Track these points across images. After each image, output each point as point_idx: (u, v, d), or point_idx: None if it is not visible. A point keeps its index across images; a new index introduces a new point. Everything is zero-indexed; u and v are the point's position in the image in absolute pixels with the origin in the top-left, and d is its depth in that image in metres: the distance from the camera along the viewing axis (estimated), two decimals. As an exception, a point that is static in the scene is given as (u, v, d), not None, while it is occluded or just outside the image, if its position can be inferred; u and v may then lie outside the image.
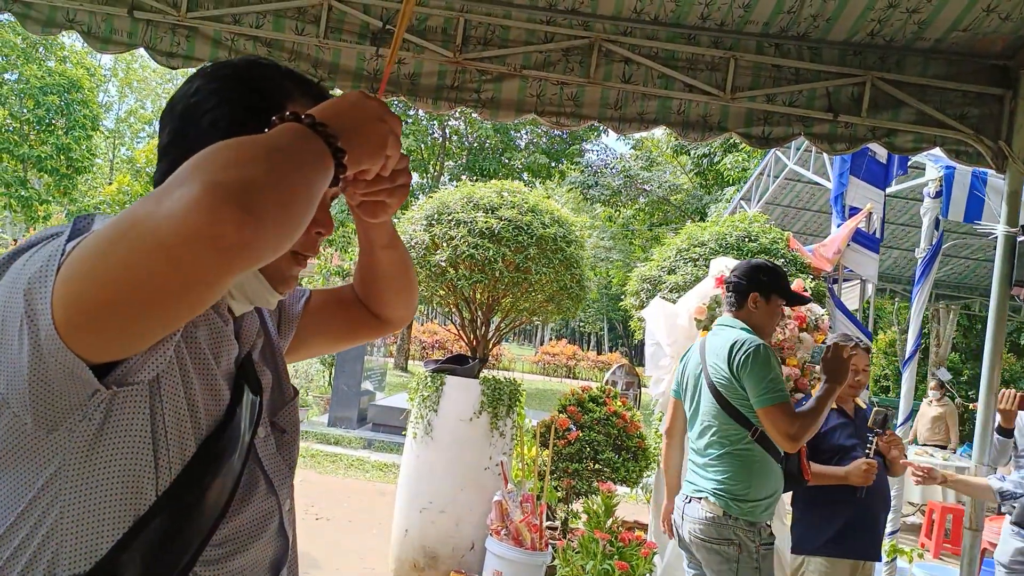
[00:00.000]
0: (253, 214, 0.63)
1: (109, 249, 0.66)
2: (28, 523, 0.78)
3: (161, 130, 0.96)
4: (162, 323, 0.71)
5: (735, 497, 2.61)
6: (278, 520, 0.98)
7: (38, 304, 0.70)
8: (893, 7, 3.15)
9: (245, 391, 0.93)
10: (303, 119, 0.75)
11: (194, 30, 3.42)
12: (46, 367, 0.72)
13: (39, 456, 0.78)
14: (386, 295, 1.25)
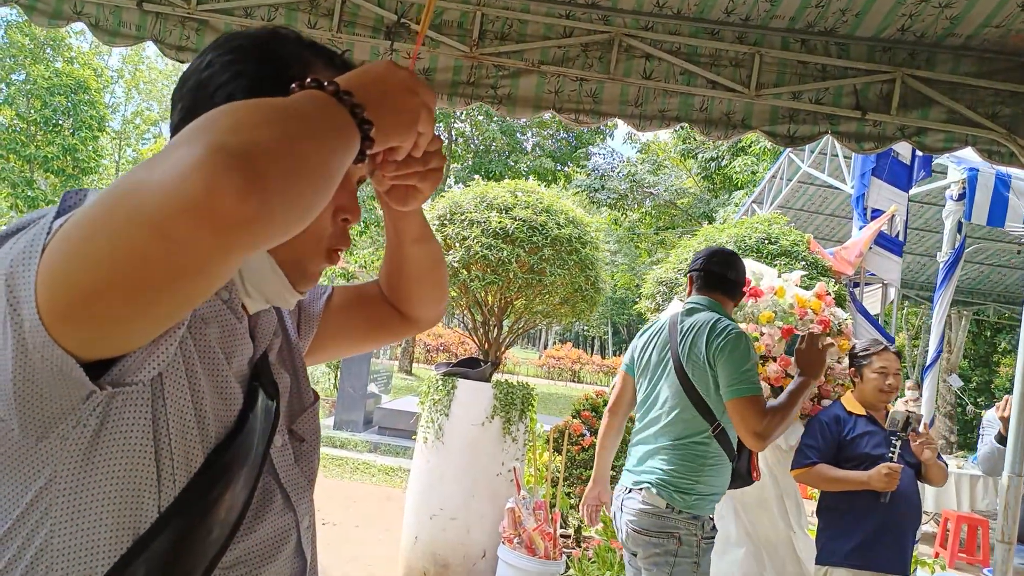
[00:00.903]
0: (258, 184, 0.54)
1: (98, 225, 0.56)
2: (15, 544, 0.68)
3: (173, 108, 0.86)
4: (158, 312, 0.60)
5: (679, 490, 2.47)
6: (295, 539, 0.88)
7: (21, 291, 0.60)
8: (925, 2, 3.05)
9: (260, 395, 0.83)
10: (326, 86, 0.66)
11: (204, 23, 3.33)
12: (32, 365, 0.62)
13: (27, 467, 0.68)
14: (415, 292, 1.15)
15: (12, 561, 0.68)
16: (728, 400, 2.44)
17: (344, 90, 0.66)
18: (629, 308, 27.62)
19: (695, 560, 2.44)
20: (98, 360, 0.64)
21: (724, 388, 2.45)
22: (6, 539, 0.68)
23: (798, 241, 4.80)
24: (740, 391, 2.41)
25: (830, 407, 3.27)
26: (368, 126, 0.66)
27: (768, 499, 3.72)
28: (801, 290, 3.78)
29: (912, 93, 3.33)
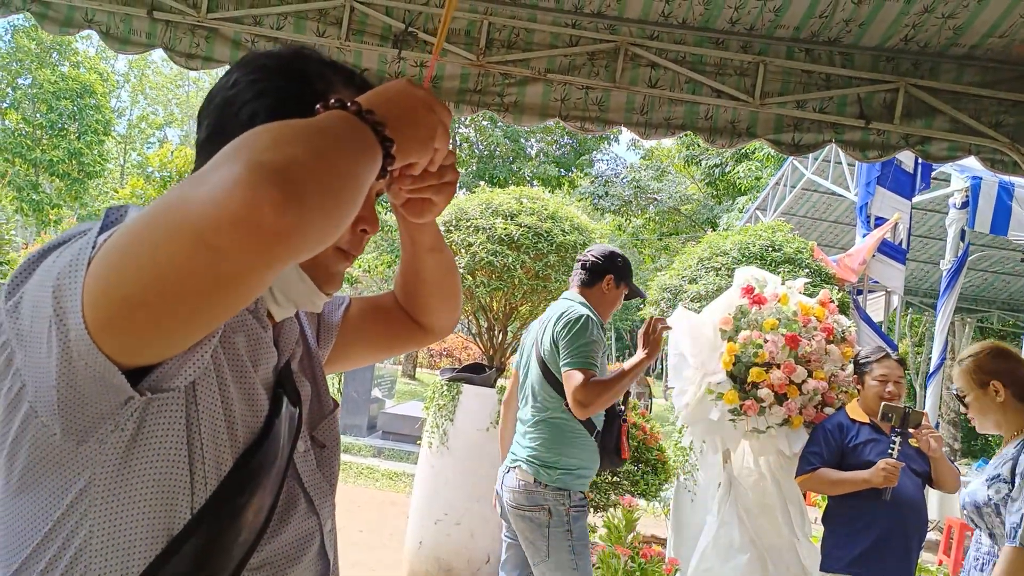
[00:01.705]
0: (295, 198, 0.57)
1: (143, 238, 0.59)
2: (57, 541, 0.71)
3: (199, 125, 0.89)
4: (198, 321, 0.63)
5: (545, 464, 2.65)
6: (319, 541, 0.91)
7: (67, 302, 0.63)
8: (928, 12, 3.07)
9: (284, 402, 0.85)
10: (349, 106, 0.69)
11: (214, 31, 3.36)
12: (75, 371, 0.65)
13: (68, 469, 0.71)
14: (430, 301, 1.18)
15: (53, 560, 0.71)
16: (563, 373, 2.65)
17: (366, 109, 0.69)
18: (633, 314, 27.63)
19: (567, 528, 2.62)
20: (136, 367, 0.67)
21: (560, 363, 2.66)
22: (48, 538, 0.71)
23: (802, 248, 4.82)
24: (569, 364, 2.61)
25: (834, 415, 3.28)
26: (390, 143, 0.69)
27: (772, 506, 3.73)
28: (805, 297, 3.79)
29: (916, 102, 3.35)
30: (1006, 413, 2.46)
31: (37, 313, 0.66)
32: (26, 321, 0.68)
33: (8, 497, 0.74)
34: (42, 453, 0.71)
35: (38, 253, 0.71)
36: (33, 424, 0.70)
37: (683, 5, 3.23)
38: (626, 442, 2.88)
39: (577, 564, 2.61)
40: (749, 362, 3.57)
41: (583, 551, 2.65)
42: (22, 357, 0.69)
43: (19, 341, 0.69)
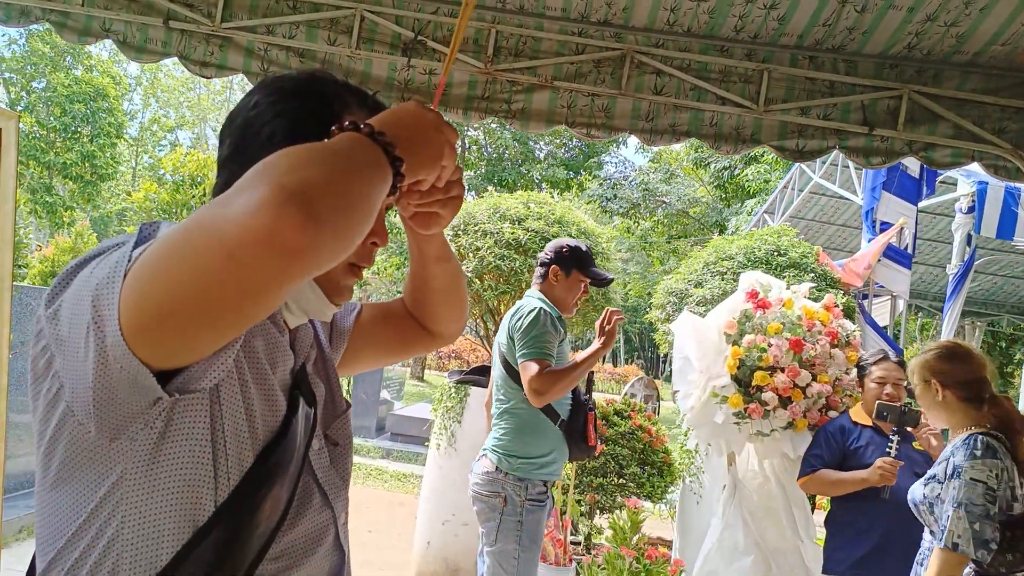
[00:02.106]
0: (313, 217, 0.62)
1: (175, 253, 0.65)
2: (90, 532, 0.77)
3: (221, 143, 0.95)
4: (225, 328, 0.69)
5: (507, 453, 2.75)
6: (334, 534, 0.96)
7: (105, 310, 0.69)
8: (931, 20, 3.11)
9: (300, 402, 0.91)
10: (362, 128, 0.74)
11: (228, 40, 3.43)
12: (110, 374, 0.71)
13: (101, 464, 0.77)
14: (438, 308, 1.23)
15: (88, 548, 0.78)
16: (519, 364, 2.75)
17: (378, 131, 0.74)
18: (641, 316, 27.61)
19: (519, 519, 2.70)
20: (166, 370, 0.72)
21: (516, 355, 2.77)
22: (83, 528, 0.78)
23: (807, 253, 4.85)
24: (524, 355, 2.72)
25: (836, 418, 3.31)
26: (400, 162, 0.75)
27: (777, 508, 3.76)
28: (809, 302, 3.83)
29: (919, 109, 3.38)
30: (950, 412, 2.45)
31: (75, 320, 0.72)
32: (65, 327, 0.74)
33: (46, 490, 0.80)
34: (78, 449, 0.77)
35: (75, 264, 0.77)
36: (70, 422, 0.76)
37: (688, 13, 3.27)
38: (593, 431, 2.91)
39: (520, 556, 2.69)
40: (753, 366, 3.60)
41: (530, 546, 2.72)
42: (61, 360, 0.75)
43: (58, 346, 0.75)
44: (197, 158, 11.51)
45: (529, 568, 2.74)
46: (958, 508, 2.22)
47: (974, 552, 2.18)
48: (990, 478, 2.21)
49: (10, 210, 2.86)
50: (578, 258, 2.95)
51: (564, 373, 2.72)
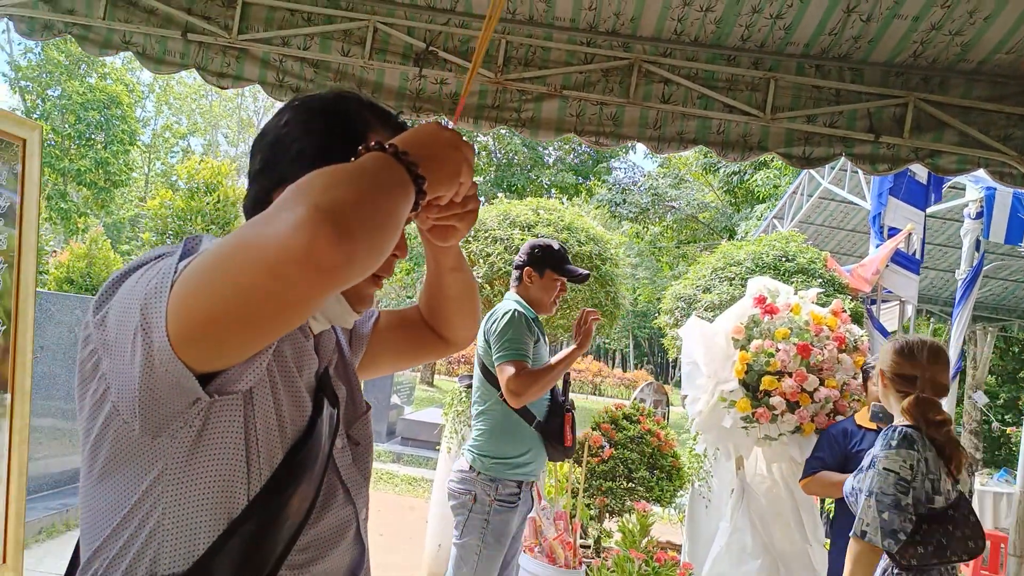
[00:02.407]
0: (347, 235, 0.68)
1: (220, 267, 0.70)
2: (133, 523, 0.83)
3: (252, 157, 1.01)
4: (263, 335, 0.75)
5: (481, 453, 2.83)
6: (355, 528, 1.02)
7: (153, 317, 0.75)
8: (936, 29, 3.15)
9: (325, 403, 0.97)
10: (387, 148, 0.80)
11: (244, 51, 3.51)
12: (155, 376, 0.77)
13: (144, 460, 0.83)
14: (452, 316, 1.29)
15: (131, 538, 0.84)
16: (496, 367, 2.80)
17: (402, 151, 0.80)
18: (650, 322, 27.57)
19: (486, 517, 2.77)
20: (205, 373, 0.78)
21: (493, 358, 2.81)
22: (126, 519, 0.84)
23: (815, 259, 4.88)
24: (501, 358, 2.77)
25: (841, 421, 3.35)
26: (422, 180, 0.80)
27: (785, 512, 3.79)
28: (817, 307, 3.86)
29: (925, 116, 3.42)
30: (889, 403, 2.46)
31: (122, 326, 0.78)
32: (112, 332, 0.80)
33: (91, 484, 0.86)
34: (122, 446, 0.83)
35: (120, 274, 0.84)
36: (115, 421, 0.82)
37: (695, 23, 3.32)
38: (570, 432, 2.95)
39: (481, 552, 2.76)
40: (761, 371, 3.64)
41: (494, 544, 2.77)
42: (108, 363, 0.81)
43: (105, 349, 0.81)
44: (211, 165, 11.63)
45: (490, 565, 2.80)
46: (869, 497, 2.24)
47: (881, 541, 2.19)
48: (903, 468, 2.22)
49: (34, 217, 2.94)
50: (551, 257, 2.97)
51: (541, 374, 2.76)
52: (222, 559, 0.83)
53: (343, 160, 0.80)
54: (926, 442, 2.26)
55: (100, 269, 11.77)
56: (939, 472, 2.25)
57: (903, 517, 2.18)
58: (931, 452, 2.25)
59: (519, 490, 2.84)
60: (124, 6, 3.45)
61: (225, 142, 36.28)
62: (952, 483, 2.27)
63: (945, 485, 2.25)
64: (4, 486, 2.71)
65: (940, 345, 2.44)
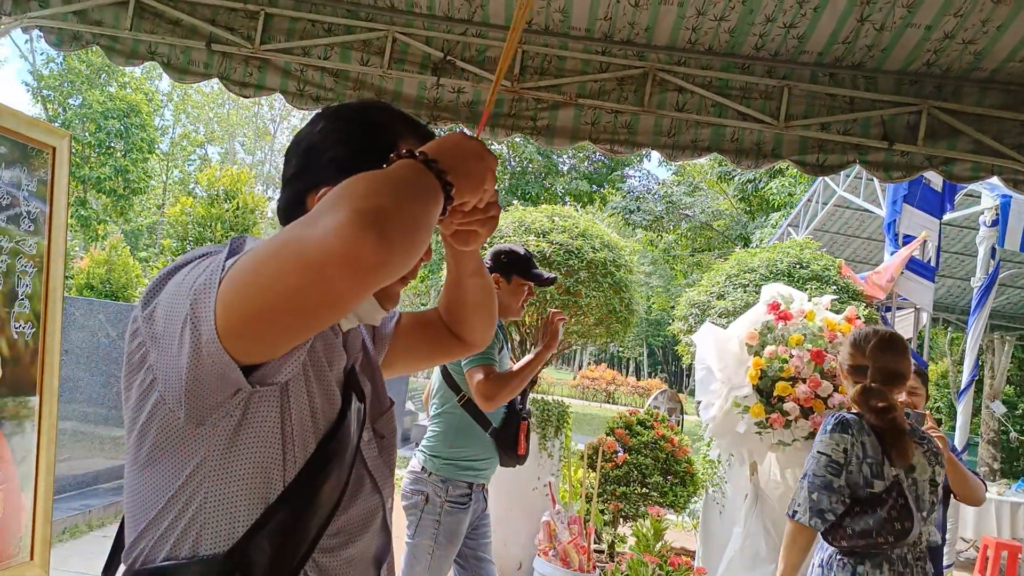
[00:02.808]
0: (386, 238, 0.72)
1: (268, 264, 0.75)
2: (178, 505, 0.89)
3: (287, 162, 1.07)
4: (305, 330, 0.80)
5: (434, 454, 2.85)
6: (382, 516, 1.07)
7: (202, 312, 0.80)
8: (949, 38, 3.17)
9: (353, 397, 1.02)
10: (418, 156, 0.85)
11: (266, 62, 3.59)
12: (202, 367, 0.82)
13: (188, 447, 0.88)
14: (470, 319, 1.34)
15: (175, 520, 0.89)
16: (465, 372, 2.80)
17: (431, 159, 0.85)
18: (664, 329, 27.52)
19: (437, 518, 2.80)
20: (247, 365, 0.83)
21: (461, 363, 2.80)
22: (170, 503, 0.89)
23: (829, 266, 4.89)
24: (469, 363, 2.76)
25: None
26: (450, 187, 0.85)
27: (798, 518, 3.80)
28: (831, 314, 3.88)
29: (939, 124, 3.44)
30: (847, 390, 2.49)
31: (170, 320, 0.84)
32: (160, 326, 0.85)
33: (137, 469, 0.92)
34: (167, 434, 0.88)
35: (166, 272, 0.89)
36: (161, 410, 0.88)
37: (709, 32, 3.37)
38: (523, 439, 2.99)
39: (433, 552, 2.80)
40: (775, 376, 3.66)
41: (446, 544, 2.81)
42: (155, 355, 0.86)
43: (153, 342, 0.86)
44: (231, 173, 11.78)
45: (442, 564, 2.84)
46: (803, 479, 2.32)
47: (808, 520, 2.25)
48: (836, 452, 2.28)
49: (62, 223, 3.02)
50: (516, 263, 2.98)
51: (511, 376, 2.78)
52: (260, 541, 0.88)
53: (374, 166, 0.85)
54: (864, 428, 2.32)
55: (119, 275, 11.93)
56: (879, 457, 2.29)
57: (833, 498, 2.25)
58: (870, 437, 2.31)
59: (470, 491, 2.87)
60: (150, 17, 3.54)
61: (242, 150, 36.63)
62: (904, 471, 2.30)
63: (889, 471, 2.28)
64: (32, 486, 2.78)
65: (892, 334, 2.47)
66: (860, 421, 2.33)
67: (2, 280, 2.61)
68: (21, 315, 2.70)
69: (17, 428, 2.72)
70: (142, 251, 25.12)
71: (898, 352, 2.40)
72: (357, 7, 3.55)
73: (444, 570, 2.86)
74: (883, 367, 2.36)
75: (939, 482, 2.40)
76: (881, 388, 2.33)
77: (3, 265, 2.62)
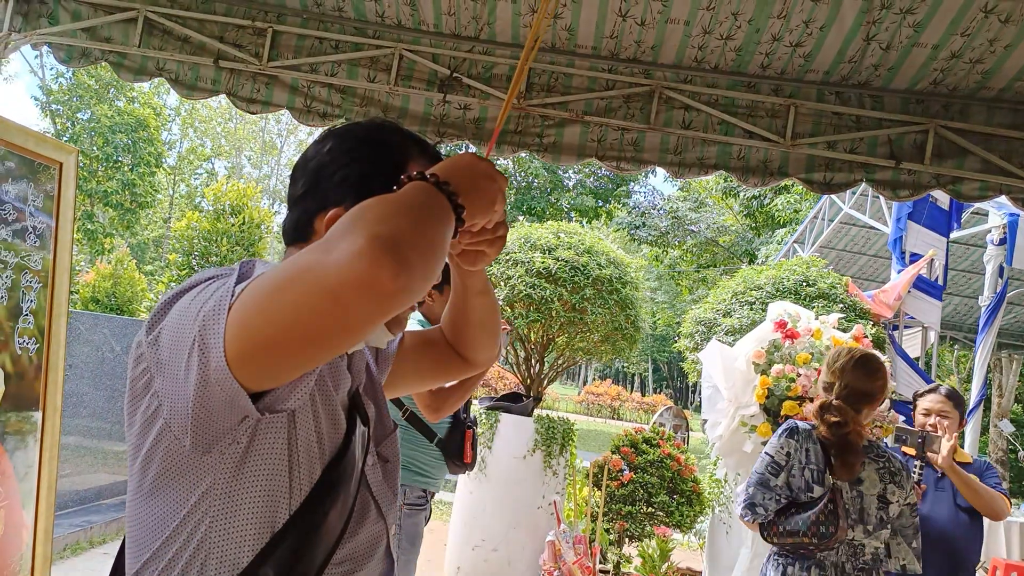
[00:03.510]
0: (404, 264, 0.71)
1: (280, 291, 0.74)
2: (183, 535, 0.87)
3: (294, 182, 1.05)
4: (318, 358, 0.79)
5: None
6: (385, 543, 1.05)
7: (210, 338, 0.78)
8: (956, 57, 3.17)
9: (357, 421, 1.00)
10: (429, 178, 0.83)
11: (273, 78, 3.60)
12: (210, 394, 0.80)
13: (194, 475, 0.86)
14: (475, 338, 1.32)
15: (180, 550, 0.87)
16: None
17: (443, 180, 0.84)
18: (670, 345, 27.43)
19: (398, 522, 2.85)
20: (254, 392, 0.82)
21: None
22: (176, 532, 0.87)
23: (836, 283, 4.87)
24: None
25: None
26: (462, 209, 0.84)
27: (806, 539, 3.76)
28: (838, 332, 3.85)
29: (946, 143, 3.42)
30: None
31: (176, 345, 0.82)
32: (165, 352, 0.84)
33: (141, 498, 0.90)
34: (173, 462, 0.86)
35: (171, 296, 0.88)
36: (167, 437, 0.86)
37: (715, 51, 3.37)
38: (469, 448, 3.08)
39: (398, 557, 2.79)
40: (782, 395, 3.63)
41: (409, 548, 2.91)
42: (160, 382, 0.85)
43: (158, 368, 0.85)
44: (237, 188, 11.82)
45: (407, 568, 2.92)
46: (749, 476, 2.49)
47: (740, 512, 2.45)
48: (779, 454, 2.46)
49: (68, 239, 3.02)
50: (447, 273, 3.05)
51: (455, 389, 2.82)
52: (266, 570, 0.86)
53: (384, 187, 0.84)
54: (812, 437, 2.46)
55: (125, 289, 11.96)
56: (821, 466, 2.42)
57: (767, 495, 2.42)
58: (815, 446, 2.44)
59: (425, 495, 2.99)
60: (159, 34, 3.56)
61: (249, 164, 36.81)
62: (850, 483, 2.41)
63: (828, 479, 2.40)
64: (33, 502, 2.76)
65: (865, 355, 2.54)
66: (810, 431, 2.48)
67: (7, 295, 2.60)
68: (25, 331, 2.69)
69: (20, 443, 2.71)
70: (148, 265, 25.21)
71: (869, 372, 2.49)
72: (364, 24, 3.56)
73: (410, 573, 2.98)
74: (849, 385, 2.46)
75: (891, 500, 2.47)
76: (841, 405, 2.44)
77: (8, 280, 2.61)
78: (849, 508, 2.40)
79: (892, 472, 2.48)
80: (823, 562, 2.41)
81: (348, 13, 3.54)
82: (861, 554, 2.44)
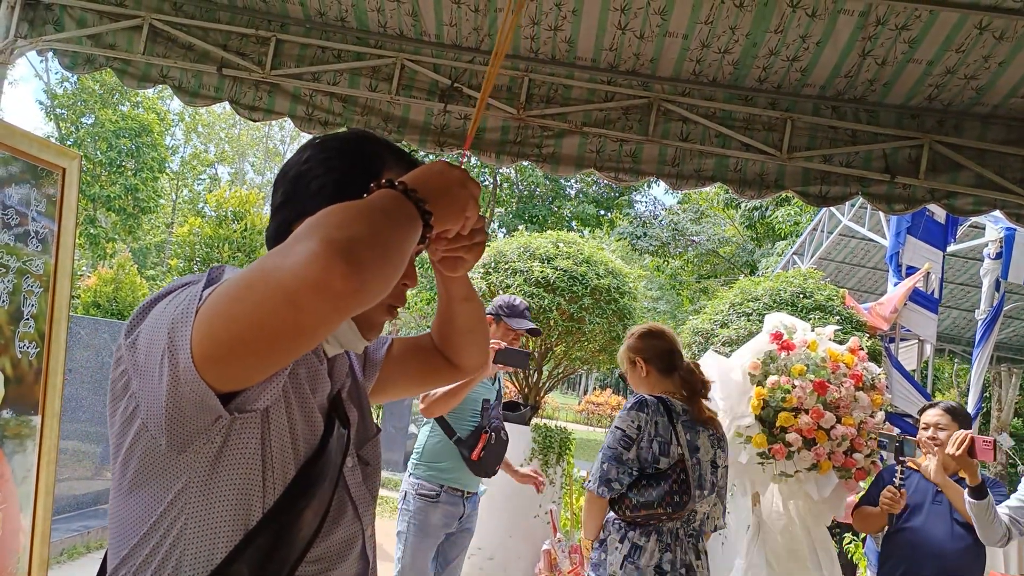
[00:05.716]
0: (357, 267, 0.74)
1: (242, 294, 0.77)
2: (159, 532, 0.90)
3: (274, 191, 1.09)
4: (281, 357, 0.81)
5: (414, 460, 3.34)
6: (361, 544, 1.07)
7: (179, 340, 0.81)
8: (951, 73, 3.20)
9: (336, 424, 1.03)
10: (397, 186, 0.87)
11: (276, 86, 3.64)
12: (181, 395, 0.83)
13: (170, 474, 0.89)
14: (463, 344, 1.35)
15: (156, 546, 0.90)
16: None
17: (411, 188, 0.87)
18: (669, 355, 27.38)
19: (408, 509, 3.24)
20: (225, 393, 0.84)
21: None
22: (153, 528, 0.90)
23: (833, 296, 4.89)
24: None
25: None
26: (429, 215, 0.87)
27: (801, 550, 3.76)
28: (834, 344, 3.86)
29: (940, 158, 3.45)
30: (650, 385, 2.71)
31: (152, 349, 0.85)
32: (142, 355, 0.87)
33: (121, 495, 0.93)
34: (150, 460, 0.89)
35: (150, 301, 0.91)
36: (144, 437, 0.89)
37: (713, 65, 3.41)
38: (480, 449, 3.30)
39: (408, 540, 3.20)
40: (777, 407, 3.64)
41: (419, 535, 3.20)
42: (138, 383, 0.88)
43: (135, 370, 0.88)
44: (239, 194, 11.88)
45: (416, 554, 3.19)
46: (600, 452, 2.55)
47: (596, 488, 2.50)
48: (630, 427, 2.53)
49: (70, 244, 3.05)
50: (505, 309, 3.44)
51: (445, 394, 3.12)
52: (239, 567, 0.89)
53: (359, 195, 0.87)
54: (659, 410, 2.55)
55: (127, 294, 11.99)
56: (668, 436, 2.52)
57: (620, 469, 2.49)
58: (663, 418, 2.54)
59: (439, 490, 3.24)
60: (163, 42, 3.60)
61: (252, 171, 36.91)
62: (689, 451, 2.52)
63: (675, 450, 2.50)
64: (31, 506, 2.78)
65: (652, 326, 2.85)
66: (658, 403, 2.56)
67: (8, 299, 2.63)
68: (26, 335, 2.72)
69: (19, 447, 2.73)
70: (150, 270, 25.24)
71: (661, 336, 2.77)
72: (367, 34, 3.61)
73: (421, 560, 3.21)
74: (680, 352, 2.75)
75: (719, 464, 2.63)
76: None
77: (10, 284, 2.64)
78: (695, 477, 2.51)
79: (719, 438, 2.66)
80: (661, 528, 2.49)
81: (351, 23, 3.58)
82: (692, 520, 2.54)
